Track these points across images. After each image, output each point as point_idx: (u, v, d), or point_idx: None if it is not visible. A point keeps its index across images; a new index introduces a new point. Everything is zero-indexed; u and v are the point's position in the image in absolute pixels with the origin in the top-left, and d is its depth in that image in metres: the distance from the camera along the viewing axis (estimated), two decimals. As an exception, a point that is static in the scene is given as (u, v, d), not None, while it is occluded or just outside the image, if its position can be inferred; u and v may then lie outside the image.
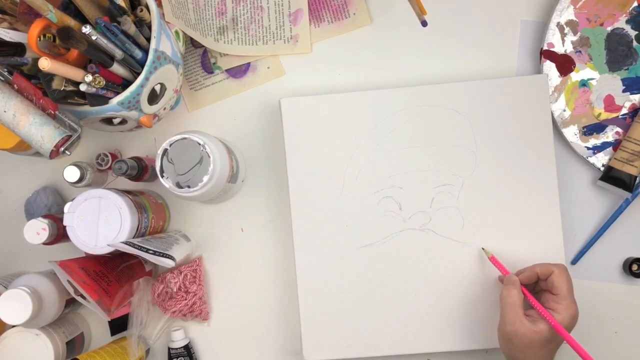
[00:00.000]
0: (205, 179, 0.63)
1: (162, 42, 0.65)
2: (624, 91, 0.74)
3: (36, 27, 0.58)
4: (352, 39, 0.77)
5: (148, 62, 0.63)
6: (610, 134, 0.74)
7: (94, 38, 0.58)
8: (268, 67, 0.78)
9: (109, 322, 0.76)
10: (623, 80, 0.74)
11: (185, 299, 0.74)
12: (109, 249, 0.65)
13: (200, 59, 0.78)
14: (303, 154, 0.73)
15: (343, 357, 0.72)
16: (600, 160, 0.74)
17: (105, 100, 0.63)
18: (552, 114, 0.73)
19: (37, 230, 0.67)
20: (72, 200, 0.66)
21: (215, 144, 0.65)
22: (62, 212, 0.70)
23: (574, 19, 0.74)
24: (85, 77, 0.60)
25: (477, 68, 0.76)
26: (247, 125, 0.78)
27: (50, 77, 0.60)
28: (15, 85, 0.60)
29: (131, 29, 0.62)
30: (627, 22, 0.74)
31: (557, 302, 0.63)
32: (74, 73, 0.59)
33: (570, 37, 0.74)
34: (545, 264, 0.66)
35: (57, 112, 0.61)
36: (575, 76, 0.74)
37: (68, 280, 0.64)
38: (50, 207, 0.75)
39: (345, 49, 0.77)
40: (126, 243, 0.63)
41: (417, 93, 0.73)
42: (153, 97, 0.67)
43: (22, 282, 0.66)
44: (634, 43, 0.74)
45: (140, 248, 0.63)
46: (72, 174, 0.70)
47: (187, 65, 0.78)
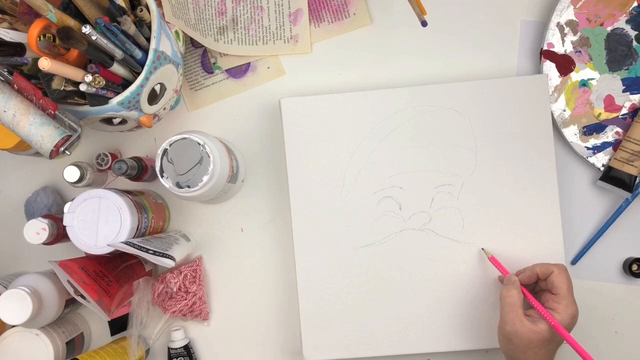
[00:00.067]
0: (205, 179, 0.63)
1: (162, 42, 0.65)
2: (624, 91, 0.74)
3: (36, 27, 0.58)
4: (352, 39, 0.77)
5: (148, 62, 0.63)
6: (610, 134, 0.74)
7: (94, 38, 0.58)
8: (268, 67, 0.78)
9: (109, 322, 0.76)
10: (623, 80, 0.74)
11: (185, 299, 0.74)
12: (109, 249, 0.65)
13: (200, 59, 0.78)
14: (303, 154, 0.73)
15: (343, 357, 0.72)
16: (600, 160, 0.74)
17: (105, 100, 0.63)
18: (552, 114, 0.73)
19: (37, 230, 0.67)
20: (72, 200, 0.66)
21: (215, 144, 0.65)
22: (62, 212, 0.70)
23: (574, 19, 0.74)
24: (85, 77, 0.60)
25: (477, 68, 0.76)
26: (247, 125, 0.78)
27: (50, 77, 0.60)
28: (15, 85, 0.60)
29: (131, 29, 0.62)
30: (627, 22, 0.74)
31: (557, 301, 0.63)
32: (74, 73, 0.59)
33: (570, 37, 0.74)
34: (545, 263, 0.66)
35: (57, 112, 0.61)
36: (575, 76, 0.74)
37: (68, 280, 0.64)
38: (50, 207, 0.75)
39: (345, 49, 0.77)
40: (126, 243, 0.63)
41: (417, 93, 0.73)
42: (153, 97, 0.67)
43: (22, 282, 0.67)
44: (634, 43, 0.74)
45: (140, 248, 0.63)
46: (72, 174, 0.70)
47: (187, 65, 0.78)
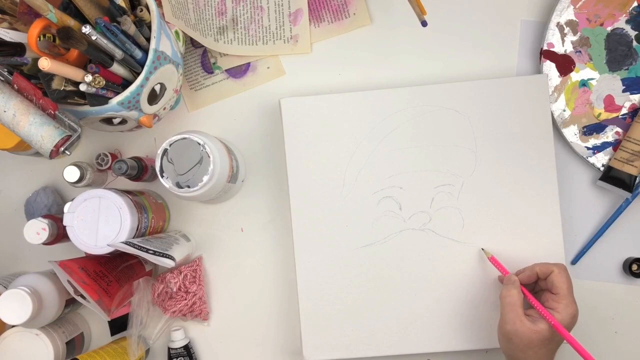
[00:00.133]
0: (205, 179, 0.63)
1: (162, 42, 0.65)
2: (624, 91, 0.74)
3: (36, 27, 0.58)
4: (352, 39, 0.77)
5: (148, 62, 0.63)
6: (610, 134, 0.74)
7: (94, 38, 0.58)
8: (268, 67, 0.78)
9: (109, 322, 0.76)
10: (623, 80, 0.74)
11: (185, 299, 0.74)
12: (109, 249, 0.65)
13: (200, 59, 0.78)
14: (303, 154, 0.73)
15: (343, 357, 0.72)
16: (600, 160, 0.74)
17: (105, 100, 0.63)
18: (552, 114, 0.73)
19: (37, 230, 0.67)
20: (72, 200, 0.66)
21: (215, 144, 0.65)
22: (62, 212, 0.70)
23: (574, 19, 0.74)
24: (85, 77, 0.60)
25: (477, 68, 0.76)
26: (247, 125, 0.78)
27: (50, 77, 0.60)
28: (15, 85, 0.60)
29: (131, 29, 0.62)
30: (627, 22, 0.74)
31: (557, 301, 0.63)
32: (74, 73, 0.59)
33: (570, 37, 0.74)
34: (545, 263, 0.66)
35: (57, 112, 0.61)
36: (575, 76, 0.74)
37: (68, 280, 0.64)
38: (50, 207, 0.75)
39: (345, 49, 0.77)
40: (126, 243, 0.63)
41: (417, 93, 0.73)
42: (153, 97, 0.67)
43: (22, 282, 0.67)
44: (634, 43, 0.74)
45: (140, 248, 0.63)
46: (72, 174, 0.70)
47: (187, 65, 0.78)
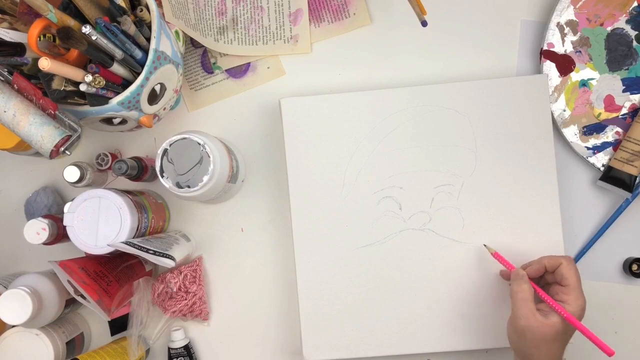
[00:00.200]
0: (205, 179, 0.63)
1: (162, 42, 0.65)
2: (624, 91, 0.74)
3: (36, 27, 0.58)
4: (352, 39, 0.77)
5: (148, 62, 0.63)
6: (610, 134, 0.74)
7: (94, 38, 0.58)
8: (268, 67, 0.78)
9: (109, 322, 0.76)
10: (623, 80, 0.74)
11: (185, 299, 0.74)
12: (109, 249, 0.65)
13: (200, 59, 0.78)
14: (303, 154, 0.73)
15: (343, 357, 0.72)
16: (600, 160, 0.74)
17: (105, 100, 0.63)
18: (552, 114, 0.73)
19: (37, 230, 0.67)
20: (72, 200, 0.66)
21: (215, 144, 0.65)
22: (62, 212, 0.70)
23: (574, 19, 0.74)
24: (85, 77, 0.60)
25: (477, 68, 0.76)
26: (247, 125, 0.78)
27: (50, 77, 0.60)
28: (15, 85, 0.60)
29: (131, 29, 0.62)
30: (627, 22, 0.74)
31: (566, 293, 0.63)
32: (74, 73, 0.59)
33: (570, 37, 0.74)
34: (553, 256, 0.66)
35: (57, 112, 0.61)
36: (575, 76, 0.74)
37: (68, 280, 0.64)
38: (50, 207, 0.75)
39: (345, 49, 0.77)
40: (126, 243, 0.63)
41: (417, 93, 0.73)
42: (153, 97, 0.67)
43: (22, 282, 0.67)
44: (634, 43, 0.74)
45: (140, 248, 0.63)
46: (72, 174, 0.70)
47: (187, 65, 0.78)
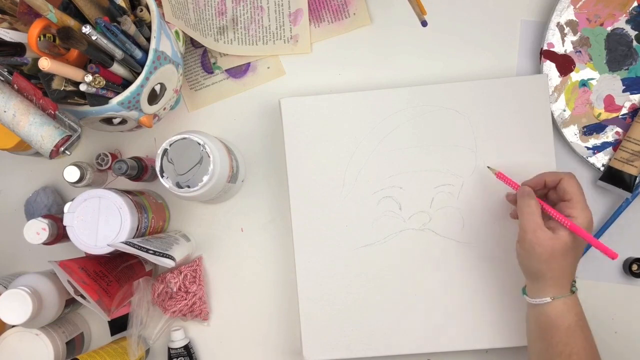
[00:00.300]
0: (205, 179, 0.63)
1: (162, 42, 0.65)
2: (624, 91, 0.74)
3: (36, 27, 0.58)
4: (352, 39, 0.77)
5: (148, 62, 0.63)
6: (610, 134, 0.74)
7: (94, 38, 0.58)
8: (268, 67, 0.78)
9: (109, 322, 0.76)
10: (623, 80, 0.74)
11: (185, 299, 0.74)
12: (109, 249, 0.65)
13: (200, 59, 0.78)
14: (303, 154, 0.73)
15: (343, 357, 0.72)
16: (600, 160, 0.74)
17: (105, 100, 0.63)
18: (552, 114, 0.73)
19: (37, 230, 0.67)
20: (72, 200, 0.66)
21: (215, 144, 0.65)
22: (62, 212, 0.70)
23: (574, 19, 0.74)
24: (85, 77, 0.60)
25: (477, 68, 0.76)
26: (247, 125, 0.78)
27: (50, 77, 0.60)
28: (15, 85, 0.60)
29: (131, 29, 0.62)
30: (627, 22, 0.74)
31: (571, 207, 0.62)
32: (74, 73, 0.59)
33: (570, 37, 0.74)
34: (553, 172, 0.66)
35: (57, 112, 0.61)
36: (575, 76, 0.74)
37: (68, 280, 0.64)
38: (50, 207, 0.75)
39: (345, 49, 0.77)
40: (126, 243, 0.63)
41: (417, 93, 0.73)
42: (153, 97, 0.67)
43: (22, 282, 0.67)
44: (634, 43, 0.74)
45: (140, 248, 0.63)
46: (72, 174, 0.70)
47: (187, 65, 0.78)
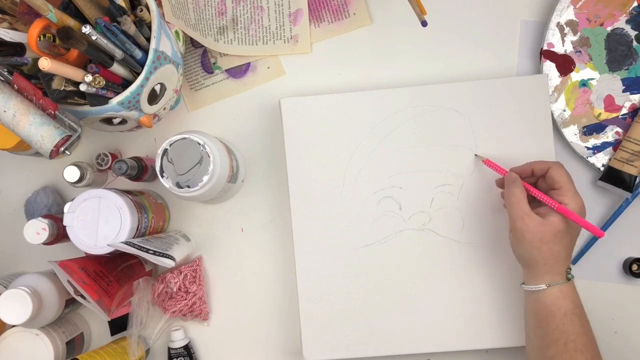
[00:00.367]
0: (205, 179, 0.63)
1: (162, 42, 0.65)
2: (624, 91, 0.74)
3: (36, 27, 0.58)
4: (352, 39, 0.77)
5: (148, 62, 0.63)
6: (610, 134, 0.74)
7: (94, 38, 0.58)
8: (268, 67, 0.78)
9: (109, 322, 0.76)
10: (623, 80, 0.74)
11: (185, 299, 0.74)
12: (109, 249, 0.65)
13: (200, 59, 0.78)
14: (303, 154, 0.73)
15: (343, 357, 0.72)
16: (600, 160, 0.74)
17: (105, 100, 0.63)
18: (552, 114, 0.73)
19: (37, 230, 0.67)
20: (72, 200, 0.66)
21: (215, 144, 0.65)
22: (62, 212, 0.70)
23: (574, 19, 0.74)
24: (85, 77, 0.60)
25: (477, 68, 0.76)
26: (247, 125, 0.78)
27: (50, 77, 0.60)
28: (15, 85, 0.60)
29: (131, 29, 0.62)
30: (627, 22, 0.74)
31: (562, 194, 0.62)
32: (74, 73, 0.59)
33: (570, 37, 0.74)
34: (541, 161, 0.65)
35: (57, 112, 0.61)
36: (575, 76, 0.74)
37: (68, 280, 0.64)
38: (50, 207, 0.75)
39: (345, 49, 0.77)
40: (126, 243, 0.63)
41: (417, 93, 0.73)
42: (153, 97, 0.67)
43: (22, 282, 0.67)
44: (634, 43, 0.74)
45: (140, 248, 0.63)
46: (72, 174, 0.70)
47: (187, 65, 0.78)
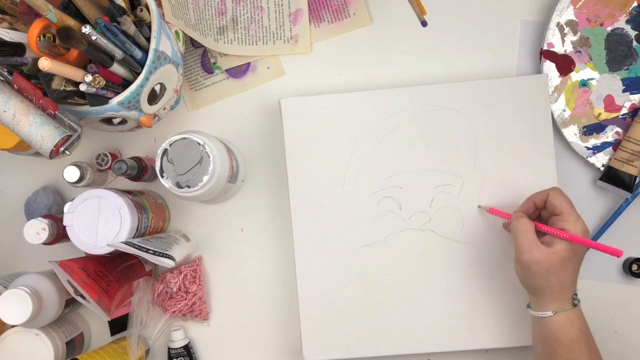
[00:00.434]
0: (205, 179, 0.63)
1: (162, 42, 0.65)
2: (623, 91, 0.74)
3: (36, 27, 0.58)
4: (352, 39, 0.77)
5: (148, 62, 0.63)
6: (610, 134, 0.74)
7: (94, 38, 0.58)
8: (268, 67, 0.78)
9: (108, 322, 0.76)
10: (623, 80, 0.74)
11: (185, 299, 0.74)
12: (109, 249, 0.65)
13: (200, 59, 0.78)
14: (303, 154, 0.73)
15: (343, 357, 0.72)
16: (600, 160, 0.74)
17: (105, 100, 0.63)
18: (552, 114, 0.73)
19: (37, 230, 0.67)
20: (72, 200, 0.66)
21: (215, 144, 0.65)
22: (62, 212, 0.70)
23: (574, 19, 0.74)
24: (85, 77, 0.60)
25: (477, 68, 0.76)
26: (247, 125, 0.78)
27: (50, 77, 0.60)
28: (15, 85, 0.60)
29: (131, 29, 0.62)
30: (627, 22, 0.74)
31: (563, 220, 0.62)
32: (74, 73, 0.59)
33: (570, 37, 0.74)
34: (539, 192, 0.66)
35: (57, 112, 0.61)
36: (575, 76, 0.74)
37: (68, 280, 0.64)
38: (50, 207, 0.75)
39: (345, 49, 0.77)
40: (126, 243, 0.63)
41: (417, 93, 0.73)
42: (153, 97, 0.67)
43: (22, 282, 0.67)
44: (634, 43, 0.74)
45: (140, 248, 0.63)
46: (72, 174, 0.70)
47: (187, 65, 0.78)
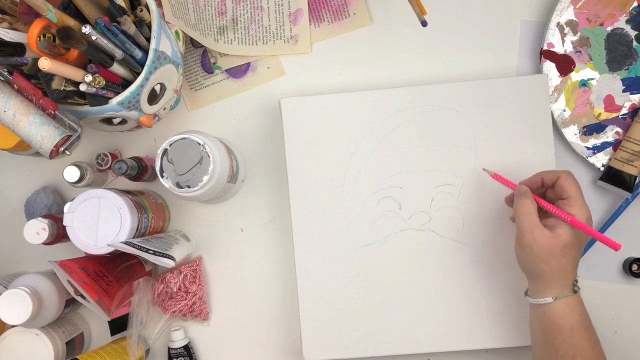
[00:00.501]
0: (205, 179, 0.63)
1: (162, 42, 0.65)
2: (624, 91, 0.74)
3: (36, 27, 0.58)
4: (352, 39, 0.77)
5: (148, 62, 0.63)
6: (610, 134, 0.74)
7: (94, 38, 0.58)
8: (268, 67, 0.78)
9: (108, 322, 0.76)
10: (623, 80, 0.74)
11: (185, 299, 0.74)
12: (109, 249, 0.65)
13: (200, 59, 0.78)
14: (303, 154, 0.73)
15: (343, 357, 0.72)
16: (600, 160, 0.74)
17: (105, 100, 0.63)
18: (552, 114, 0.73)
19: (37, 230, 0.67)
20: (72, 200, 0.66)
21: (215, 144, 0.65)
22: (62, 212, 0.70)
23: (574, 19, 0.74)
24: (85, 77, 0.60)
25: (477, 68, 0.76)
26: (247, 125, 0.78)
27: (50, 77, 0.60)
28: (15, 85, 0.60)
29: (131, 29, 0.62)
30: (627, 22, 0.74)
31: (570, 205, 0.62)
32: (74, 73, 0.59)
33: (570, 37, 0.74)
34: (551, 170, 0.65)
35: (57, 112, 0.61)
36: (575, 76, 0.74)
37: (68, 280, 0.64)
38: (50, 207, 0.75)
39: (345, 49, 0.77)
40: (126, 243, 0.63)
41: (417, 93, 0.73)
42: (153, 97, 0.67)
43: (22, 282, 0.67)
44: (634, 43, 0.74)
45: (140, 248, 0.63)
46: (72, 174, 0.70)
47: (187, 65, 0.78)
